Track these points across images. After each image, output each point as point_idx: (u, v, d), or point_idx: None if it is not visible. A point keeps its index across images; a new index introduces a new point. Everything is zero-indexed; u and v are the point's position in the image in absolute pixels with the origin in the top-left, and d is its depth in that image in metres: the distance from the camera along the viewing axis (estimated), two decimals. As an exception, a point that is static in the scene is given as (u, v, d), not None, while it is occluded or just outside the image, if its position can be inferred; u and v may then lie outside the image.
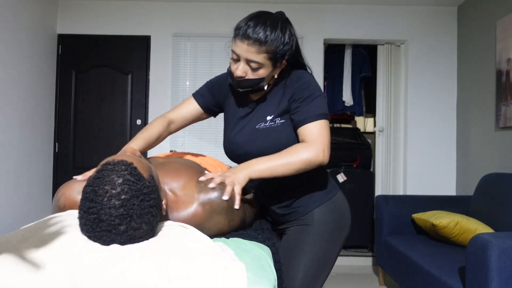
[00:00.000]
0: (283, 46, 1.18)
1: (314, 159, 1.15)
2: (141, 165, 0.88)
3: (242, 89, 1.22)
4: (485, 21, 3.08)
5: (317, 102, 1.21)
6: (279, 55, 1.19)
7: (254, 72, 1.19)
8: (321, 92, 1.25)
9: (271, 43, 1.15)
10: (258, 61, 1.17)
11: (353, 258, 3.59)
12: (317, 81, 1.28)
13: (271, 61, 1.18)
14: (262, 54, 1.16)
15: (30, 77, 3.12)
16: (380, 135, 3.79)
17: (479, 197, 2.60)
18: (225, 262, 0.79)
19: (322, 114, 1.20)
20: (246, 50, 1.16)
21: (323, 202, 1.31)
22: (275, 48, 1.17)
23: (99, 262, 0.74)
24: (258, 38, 1.14)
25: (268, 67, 1.19)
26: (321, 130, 1.18)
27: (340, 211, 1.35)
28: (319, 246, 1.30)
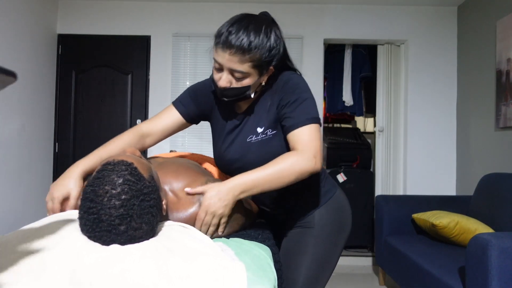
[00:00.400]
0: (269, 52, 1.09)
1: (305, 168, 1.07)
2: (141, 165, 0.88)
3: (227, 98, 1.14)
4: (485, 21, 3.08)
5: (305, 106, 1.12)
6: (265, 63, 1.10)
7: (239, 81, 1.10)
8: (309, 94, 1.15)
9: (256, 50, 1.06)
10: (242, 70, 1.08)
11: (353, 258, 3.59)
12: (306, 82, 1.19)
13: (257, 69, 1.09)
14: (246, 63, 1.07)
15: (30, 77, 3.12)
16: (380, 135, 3.79)
17: (479, 197, 2.60)
18: (225, 262, 0.79)
19: (311, 118, 1.11)
20: (229, 60, 1.06)
21: (322, 203, 1.29)
22: (260, 55, 1.07)
23: (99, 262, 0.74)
24: (241, 46, 1.05)
25: (253, 75, 1.10)
26: (310, 135, 1.09)
27: (340, 210, 1.33)
28: (320, 248, 1.27)
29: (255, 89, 1.15)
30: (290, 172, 1.06)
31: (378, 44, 3.76)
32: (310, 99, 1.15)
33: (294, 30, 3.55)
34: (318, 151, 1.09)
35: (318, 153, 1.09)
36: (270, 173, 1.05)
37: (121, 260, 0.75)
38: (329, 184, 1.33)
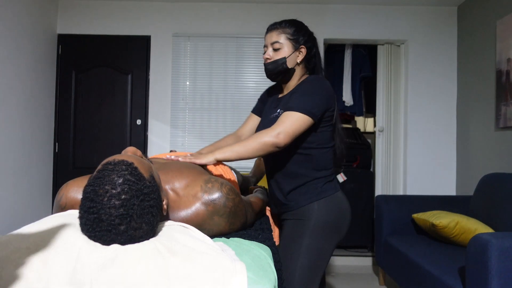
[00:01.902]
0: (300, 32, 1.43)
1: (268, 139, 1.27)
2: (142, 165, 0.88)
3: (269, 71, 1.44)
4: (485, 21, 3.08)
5: (306, 98, 1.34)
6: (297, 38, 1.42)
7: (277, 52, 1.42)
8: (318, 92, 1.36)
9: (290, 26, 1.43)
10: (279, 40, 1.42)
11: (353, 258, 3.59)
12: (324, 85, 1.39)
13: (291, 41, 1.42)
14: (282, 34, 1.42)
15: (30, 77, 3.12)
16: (380, 135, 3.79)
17: (479, 197, 2.60)
18: (225, 262, 0.79)
19: (302, 109, 1.30)
20: (270, 36, 1.44)
21: (319, 198, 1.39)
22: (292, 31, 1.42)
23: (99, 262, 0.74)
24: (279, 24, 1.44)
25: (288, 47, 1.42)
26: (290, 119, 1.30)
27: (338, 211, 1.41)
28: (314, 240, 1.37)
29: (292, 64, 1.44)
30: (255, 141, 1.29)
31: (378, 44, 3.76)
32: (314, 95, 1.35)
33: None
34: (286, 131, 1.28)
35: (284, 132, 1.28)
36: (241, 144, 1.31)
37: (121, 260, 0.75)
38: (330, 185, 1.43)
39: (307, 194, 1.40)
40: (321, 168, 1.42)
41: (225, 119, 3.57)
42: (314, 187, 1.40)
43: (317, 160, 1.41)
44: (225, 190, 1.07)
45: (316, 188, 1.40)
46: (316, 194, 1.40)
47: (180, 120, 3.58)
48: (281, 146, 1.29)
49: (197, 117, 3.58)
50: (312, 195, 1.40)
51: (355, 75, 4.04)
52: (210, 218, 1.05)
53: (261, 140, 1.28)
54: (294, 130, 1.30)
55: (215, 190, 1.06)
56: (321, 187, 1.41)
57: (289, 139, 1.29)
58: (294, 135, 1.30)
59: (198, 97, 3.59)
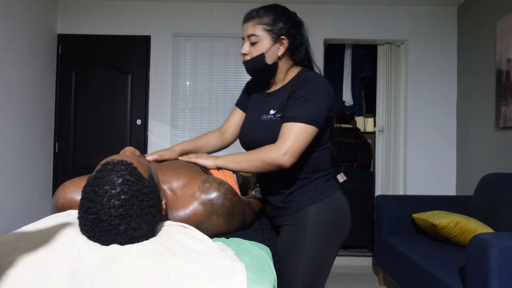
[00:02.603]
0: (280, 19, 1.26)
1: (273, 160, 1.17)
2: (141, 165, 0.88)
3: (249, 70, 1.31)
4: (485, 21, 3.08)
5: (308, 104, 1.20)
6: (277, 28, 1.26)
7: (254, 46, 1.27)
8: (319, 95, 1.22)
9: (267, 14, 1.26)
10: (255, 33, 1.26)
11: (353, 258, 3.59)
12: (324, 84, 1.26)
13: (268, 33, 1.26)
14: (258, 25, 1.26)
15: (30, 77, 3.12)
16: (380, 135, 3.79)
17: (479, 197, 2.60)
18: (225, 262, 0.79)
19: (306, 118, 1.18)
20: (246, 28, 1.28)
21: (315, 201, 1.30)
22: (270, 20, 1.25)
23: (99, 262, 0.74)
24: (252, 13, 1.28)
25: (266, 40, 1.26)
26: (296, 133, 1.18)
27: (337, 211, 1.34)
28: (314, 248, 1.29)
29: (273, 59, 1.29)
30: (260, 159, 1.20)
31: (378, 44, 3.76)
32: (316, 101, 1.21)
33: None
34: (294, 149, 1.17)
35: (291, 151, 1.17)
36: (248, 154, 1.24)
37: (121, 260, 0.75)
38: (329, 185, 1.35)
39: (306, 195, 1.32)
40: (320, 170, 1.34)
41: (225, 119, 3.56)
42: (315, 187, 1.32)
43: (316, 163, 1.32)
44: (223, 190, 1.07)
45: (316, 188, 1.32)
46: (317, 194, 1.31)
47: (180, 120, 3.58)
48: (286, 167, 1.19)
49: (197, 117, 3.58)
50: (312, 195, 1.31)
51: (355, 75, 4.04)
52: (208, 218, 1.05)
53: (264, 159, 1.19)
54: (301, 147, 1.19)
55: (212, 189, 1.06)
56: (321, 186, 1.33)
57: (295, 159, 1.18)
58: (301, 152, 1.19)
59: (198, 97, 3.59)
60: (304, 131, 1.18)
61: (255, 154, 1.21)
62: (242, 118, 1.48)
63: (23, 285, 0.71)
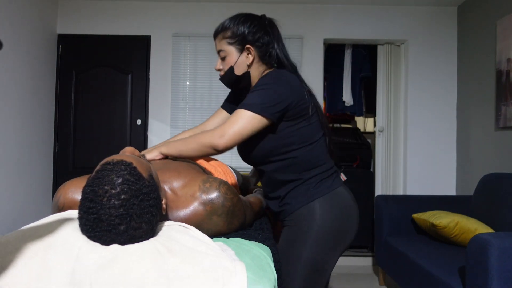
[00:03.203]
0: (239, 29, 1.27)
1: (208, 141, 1.18)
2: (141, 164, 0.88)
3: (225, 84, 1.35)
4: (485, 21, 3.08)
5: (255, 94, 1.20)
6: (238, 39, 1.27)
7: (224, 61, 1.30)
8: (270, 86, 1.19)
9: (228, 29, 1.28)
10: (221, 48, 1.29)
11: (353, 258, 3.59)
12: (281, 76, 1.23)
13: (233, 45, 1.28)
14: (223, 40, 1.29)
15: (30, 77, 3.12)
16: (380, 135, 3.79)
17: (479, 197, 2.60)
18: (225, 262, 0.79)
19: (247, 105, 1.18)
20: (216, 44, 1.32)
21: (306, 202, 1.26)
22: (231, 33, 1.27)
23: (99, 262, 0.74)
24: (220, 28, 1.30)
25: (232, 52, 1.28)
26: (236, 118, 1.18)
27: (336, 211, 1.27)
28: (312, 249, 1.25)
29: (243, 69, 1.30)
30: (195, 141, 1.20)
31: (378, 44, 3.76)
32: (264, 90, 1.20)
33: (294, 30, 3.55)
34: (230, 132, 1.16)
35: (228, 134, 1.16)
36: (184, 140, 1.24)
37: (121, 260, 0.75)
38: (327, 182, 1.29)
39: (298, 197, 1.27)
40: (311, 167, 1.28)
41: (225, 119, 3.56)
42: (306, 187, 1.27)
43: (304, 161, 1.27)
44: (223, 190, 1.07)
45: (308, 189, 1.27)
46: (309, 195, 1.26)
47: (180, 120, 3.58)
48: (219, 149, 1.18)
49: (197, 117, 3.58)
50: (304, 197, 1.26)
51: (355, 75, 4.04)
52: (209, 218, 1.05)
53: (200, 141, 1.19)
54: (240, 132, 1.16)
55: (213, 189, 1.06)
56: (313, 187, 1.27)
57: (231, 142, 1.17)
58: (240, 136, 1.17)
59: (198, 97, 3.59)
60: (246, 117, 1.17)
61: (194, 137, 1.22)
62: (223, 119, 1.49)
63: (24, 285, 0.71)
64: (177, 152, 1.23)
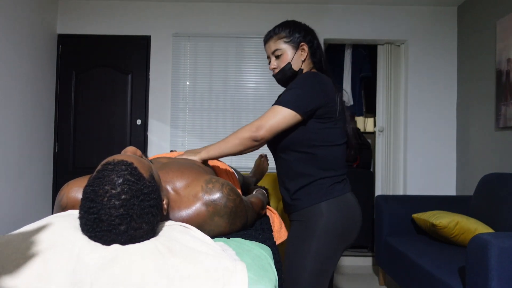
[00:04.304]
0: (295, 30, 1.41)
1: (248, 134, 1.27)
2: (142, 165, 0.88)
3: (280, 81, 1.45)
4: (485, 21, 3.08)
5: (290, 92, 1.31)
6: (294, 37, 1.41)
7: (280, 59, 1.42)
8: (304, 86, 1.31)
9: (283, 30, 1.42)
10: (277, 48, 1.42)
11: (353, 258, 3.59)
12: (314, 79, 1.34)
13: (289, 44, 1.41)
14: (278, 40, 1.42)
15: (30, 77, 3.12)
16: (380, 135, 3.79)
17: (479, 197, 2.60)
18: (226, 262, 0.79)
19: (283, 102, 1.29)
20: (268, 47, 1.45)
21: (319, 201, 1.33)
22: (286, 33, 1.41)
23: (100, 262, 0.74)
24: (273, 32, 1.43)
25: (288, 50, 1.41)
26: (273, 113, 1.29)
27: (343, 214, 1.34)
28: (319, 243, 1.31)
29: (299, 65, 1.43)
30: (236, 137, 1.29)
31: (378, 44, 3.76)
32: (298, 89, 1.31)
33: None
34: (266, 125, 1.27)
35: (263, 126, 1.27)
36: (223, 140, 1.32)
37: (122, 260, 0.75)
38: (339, 186, 1.37)
39: (311, 194, 1.34)
40: (327, 168, 1.35)
41: (225, 119, 3.56)
42: (320, 187, 1.34)
43: (322, 159, 1.34)
44: (226, 191, 1.07)
45: (321, 188, 1.34)
46: (322, 195, 1.33)
47: (180, 120, 3.58)
48: (258, 139, 1.28)
49: (197, 117, 3.58)
50: (317, 195, 1.33)
51: (355, 75, 4.04)
52: (211, 219, 1.05)
53: (240, 135, 1.29)
54: (275, 125, 1.28)
55: (215, 190, 1.06)
56: (327, 187, 1.34)
57: (268, 134, 1.28)
58: (275, 129, 1.28)
59: (198, 97, 3.59)
60: (280, 112, 1.28)
61: (232, 135, 1.31)
62: None
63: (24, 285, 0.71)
64: (219, 152, 1.31)
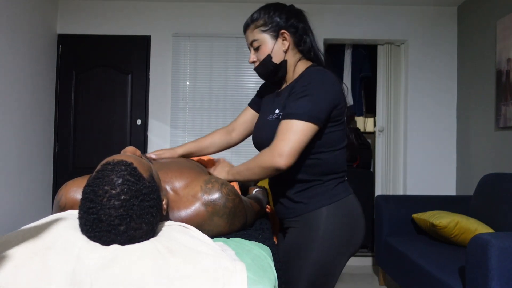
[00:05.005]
0: (274, 16, 1.24)
1: (269, 164, 1.12)
2: (141, 165, 0.88)
3: (261, 75, 1.31)
4: (485, 21, 3.08)
5: (305, 100, 1.14)
6: (271, 25, 1.24)
7: (258, 51, 1.26)
8: (317, 91, 1.15)
9: (261, 17, 1.25)
10: (255, 38, 1.26)
11: (353, 258, 3.59)
12: (325, 80, 1.19)
13: (267, 33, 1.24)
14: (255, 29, 1.25)
15: (30, 77, 3.12)
16: (380, 135, 3.79)
17: (479, 197, 2.60)
18: (225, 262, 0.79)
19: (301, 114, 1.12)
20: (246, 37, 1.29)
21: (325, 204, 1.22)
22: (264, 21, 1.24)
23: (99, 262, 0.74)
24: (250, 19, 1.27)
25: (267, 40, 1.25)
26: (289, 131, 1.11)
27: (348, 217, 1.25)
28: (321, 252, 1.22)
29: (280, 57, 1.26)
30: (256, 165, 1.17)
31: (378, 44, 3.76)
32: (313, 95, 1.14)
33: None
34: (288, 148, 1.10)
35: (287, 151, 1.10)
36: (246, 165, 1.21)
37: (122, 260, 0.75)
38: (341, 188, 1.27)
39: (316, 197, 1.23)
40: (331, 172, 1.25)
41: (225, 119, 3.56)
42: (325, 189, 1.23)
43: (327, 165, 1.23)
44: (225, 191, 1.07)
45: (327, 190, 1.23)
46: (328, 197, 1.23)
47: (180, 120, 3.58)
48: (283, 169, 1.12)
49: (197, 117, 3.58)
50: (322, 198, 1.23)
51: (355, 75, 4.04)
52: (210, 219, 1.05)
53: (262, 164, 1.15)
54: (298, 146, 1.11)
55: (215, 190, 1.06)
56: (332, 189, 1.24)
57: (292, 160, 1.11)
58: (298, 152, 1.12)
59: (198, 97, 3.59)
60: (299, 129, 1.11)
61: (253, 161, 1.18)
62: (253, 118, 1.45)
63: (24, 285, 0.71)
64: (242, 179, 1.23)
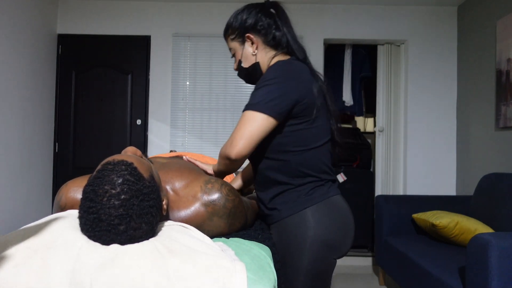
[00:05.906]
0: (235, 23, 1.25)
1: (223, 153, 1.15)
2: (141, 165, 0.88)
3: (245, 80, 1.32)
4: (485, 21, 3.08)
5: (256, 92, 1.12)
6: (237, 32, 1.25)
7: (235, 59, 1.29)
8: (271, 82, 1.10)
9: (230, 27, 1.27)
10: (230, 47, 1.29)
11: (353, 258, 3.59)
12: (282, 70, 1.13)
13: (235, 40, 1.27)
14: (228, 39, 1.29)
15: (30, 77, 3.12)
16: (380, 135, 3.79)
17: (479, 197, 2.60)
18: (225, 262, 0.79)
19: (250, 105, 1.11)
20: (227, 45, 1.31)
21: (299, 209, 1.15)
22: (231, 30, 1.27)
23: (99, 262, 0.74)
24: (225, 29, 1.30)
25: (237, 47, 1.27)
26: (241, 121, 1.11)
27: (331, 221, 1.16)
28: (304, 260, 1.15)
29: (250, 60, 1.26)
30: (219, 156, 1.20)
31: (378, 44, 3.76)
32: (264, 87, 1.11)
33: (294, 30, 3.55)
34: (238, 138, 1.09)
35: (236, 141, 1.09)
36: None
37: (121, 260, 0.75)
38: (322, 190, 1.18)
39: (288, 203, 1.17)
40: (304, 175, 1.16)
41: (225, 119, 3.57)
42: (297, 194, 1.16)
43: (297, 166, 1.15)
44: (225, 191, 1.07)
45: (299, 196, 1.16)
46: (301, 202, 1.15)
47: (180, 120, 3.58)
48: (232, 158, 1.09)
49: (197, 117, 3.58)
50: (294, 205, 1.16)
51: (355, 75, 4.04)
52: (210, 219, 1.05)
53: (220, 153, 1.17)
54: (248, 135, 1.07)
55: (214, 191, 1.06)
56: (305, 194, 1.16)
57: (241, 148, 1.07)
58: (248, 141, 1.07)
59: (198, 97, 3.59)
60: (249, 119, 1.09)
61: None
62: None
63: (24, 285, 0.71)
64: (217, 169, 1.26)
